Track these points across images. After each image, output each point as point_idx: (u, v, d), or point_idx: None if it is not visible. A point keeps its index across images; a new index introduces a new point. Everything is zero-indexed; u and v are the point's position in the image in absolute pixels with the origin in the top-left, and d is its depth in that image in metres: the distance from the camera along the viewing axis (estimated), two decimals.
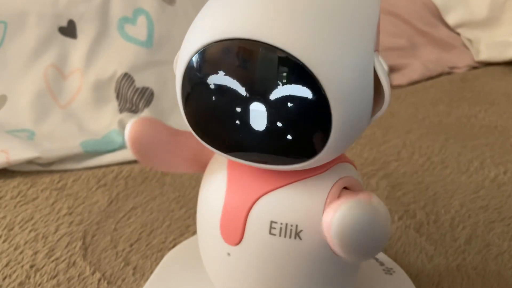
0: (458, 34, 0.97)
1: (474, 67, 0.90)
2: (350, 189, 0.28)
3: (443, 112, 0.73)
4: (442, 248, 0.44)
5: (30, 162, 0.54)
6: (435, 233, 0.46)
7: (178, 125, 0.67)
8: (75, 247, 0.43)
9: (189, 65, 0.25)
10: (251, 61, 0.23)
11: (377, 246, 0.25)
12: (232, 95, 0.24)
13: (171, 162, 0.32)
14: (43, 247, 0.43)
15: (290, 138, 0.24)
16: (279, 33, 0.22)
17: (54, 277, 0.40)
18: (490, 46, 0.91)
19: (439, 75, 0.87)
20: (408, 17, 0.95)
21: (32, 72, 0.63)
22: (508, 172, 0.57)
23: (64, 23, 0.64)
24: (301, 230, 0.27)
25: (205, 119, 0.26)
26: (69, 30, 0.64)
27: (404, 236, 0.46)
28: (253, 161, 0.26)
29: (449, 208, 0.50)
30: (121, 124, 0.61)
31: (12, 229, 0.45)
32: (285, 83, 0.23)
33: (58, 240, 0.44)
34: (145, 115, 0.29)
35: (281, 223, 0.27)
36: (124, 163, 0.57)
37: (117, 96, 0.64)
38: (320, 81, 0.22)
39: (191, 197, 0.51)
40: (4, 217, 0.47)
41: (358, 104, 0.24)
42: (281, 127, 0.24)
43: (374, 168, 0.57)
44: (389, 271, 0.38)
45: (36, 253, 0.42)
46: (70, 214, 0.48)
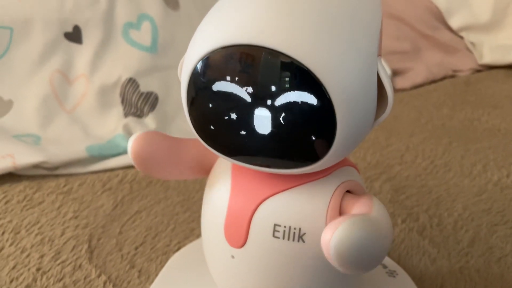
0: (461, 37, 0.97)
1: (478, 71, 0.90)
2: (352, 193, 0.28)
3: (446, 116, 0.73)
4: (445, 251, 0.44)
5: (36, 166, 0.55)
6: (438, 236, 0.46)
7: (182, 129, 0.68)
8: (81, 250, 0.44)
9: (194, 70, 0.25)
10: (257, 67, 0.23)
11: (378, 258, 0.25)
12: (237, 100, 0.24)
13: (174, 171, 0.32)
14: (50, 250, 0.44)
15: (294, 142, 0.25)
16: (284, 39, 0.23)
17: (60, 280, 0.41)
18: (493, 49, 0.91)
19: (442, 79, 0.87)
20: (411, 20, 0.95)
21: (38, 78, 0.63)
22: (511, 175, 0.57)
23: (69, 28, 0.65)
24: (304, 233, 0.27)
25: (209, 124, 0.26)
26: (74, 35, 0.65)
27: (407, 239, 0.46)
28: (257, 165, 0.27)
29: (452, 211, 0.50)
30: (126, 128, 0.62)
31: (18, 233, 0.46)
32: (290, 88, 0.23)
33: (64, 244, 0.45)
34: (147, 129, 0.30)
35: (285, 226, 0.27)
36: (129, 167, 0.57)
37: (122, 101, 0.64)
38: (325, 86, 0.23)
39: (195, 201, 0.51)
40: (11, 221, 0.47)
41: (362, 109, 0.24)
42: (286, 132, 0.24)
43: (377, 172, 0.57)
44: (392, 273, 0.39)
45: (42, 256, 0.43)
46: (76, 217, 0.48)
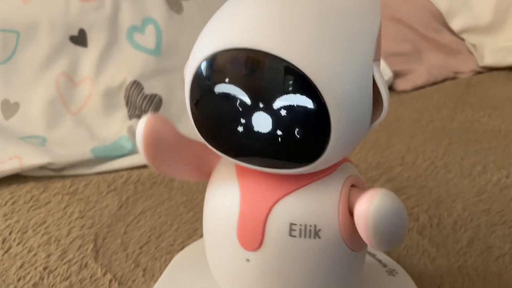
0: (462, 39, 0.98)
1: (478, 72, 0.91)
2: (356, 186, 0.30)
3: (447, 117, 0.73)
4: (444, 250, 0.45)
5: (42, 167, 0.56)
6: (438, 235, 0.47)
7: (186, 131, 0.68)
8: (86, 250, 0.45)
9: (197, 72, 0.26)
10: (256, 70, 0.24)
11: (403, 233, 0.26)
12: (237, 101, 0.25)
13: (176, 166, 0.32)
14: (56, 249, 0.45)
15: (290, 144, 0.25)
16: (282, 44, 0.24)
17: (67, 279, 0.41)
18: (494, 51, 0.92)
19: (443, 80, 0.87)
20: (412, 22, 0.96)
21: (44, 80, 0.64)
22: (510, 175, 0.57)
23: (75, 32, 0.66)
24: (319, 229, 0.28)
25: (212, 125, 0.27)
26: (80, 39, 0.66)
27: (407, 238, 0.46)
28: (258, 165, 0.27)
29: (451, 211, 0.51)
30: (131, 130, 0.63)
31: (25, 233, 0.47)
32: (287, 92, 0.24)
33: (70, 243, 0.45)
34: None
35: (301, 224, 0.28)
36: (133, 168, 0.58)
37: (127, 103, 0.65)
38: (320, 91, 0.24)
39: (198, 201, 0.52)
40: (18, 221, 0.48)
41: (357, 112, 0.25)
42: (283, 134, 0.25)
43: (378, 173, 0.58)
44: (392, 272, 0.39)
45: (49, 256, 0.44)
46: (82, 217, 0.49)
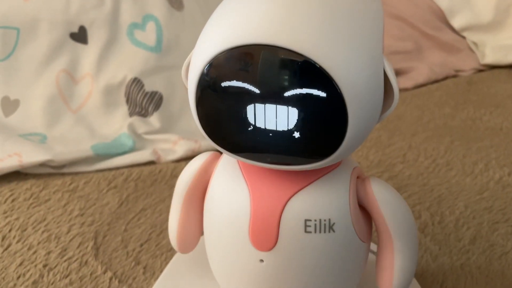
0: (463, 37, 0.97)
1: (480, 70, 0.91)
2: (360, 177, 0.30)
3: (448, 115, 0.73)
4: (446, 248, 0.45)
5: (42, 164, 0.56)
6: (440, 233, 0.47)
7: (186, 129, 0.68)
8: (87, 247, 0.44)
9: (204, 71, 0.25)
10: (270, 66, 0.24)
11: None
12: (249, 98, 0.25)
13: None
14: (56, 247, 0.44)
15: (307, 139, 0.25)
16: (295, 38, 0.23)
17: (67, 276, 0.41)
18: (495, 49, 0.92)
19: (444, 78, 0.87)
20: (413, 20, 0.96)
21: (44, 77, 0.64)
22: None
23: (75, 29, 0.65)
24: (334, 223, 0.28)
25: (220, 123, 0.26)
26: (80, 36, 0.65)
27: None
28: (269, 163, 0.27)
29: (453, 209, 0.50)
30: (131, 127, 0.62)
31: (25, 230, 0.47)
32: (302, 85, 0.24)
33: (70, 241, 0.45)
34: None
35: (315, 220, 0.28)
36: (134, 166, 0.58)
37: (127, 100, 0.65)
38: (337, 82, 0.23)
39: None
40: (18, 219, 0.48)
41: (371, 103, 0.25)
42: (299, 129, 0.25)
43: (380, 170, 0.58)
44: None
45: (49, 253, 0.44)
46: (82, 215, 0.49)
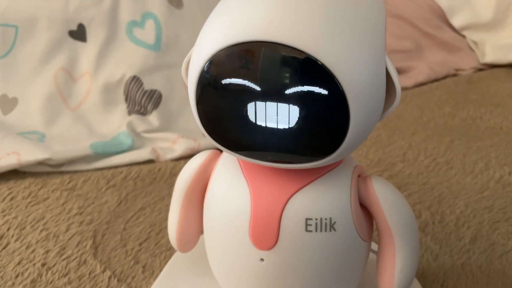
0: (463, 36, 0.97)
1: (480, 69, 0.91)
2: (361, 176, 0.30)
3: (448, 114, 0.73)
4: (447, 247, 0.45)
5: (41, 163, 0.55)
6: (440, 232, 0.47)
7: (185, 127, 0.68)
8: (85, 246, 0.44)
9: (204, 68, 0.25)
10: (270, 63, 0.24)
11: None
12: (250, 96, 0.24)
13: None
14: (54, 246, 0.44)
15: (309, 136, 0.25)
16: (298, 35, 0.23)
17: (65, 275, 0.41)
18: (495, 48, 0.91)
19: (444, 77, 0.87)
20: (414, 19, 0.96)
21: (42, 75, 0.64)
22: None
23: (74, 27, 0.65)
24: (335, 222, 0.28)
25: (221, 121, 0.26)
26: (79, 33, 0.65)
27: None
28: (269, 161, 0.27)
29: (454, 208, 0.50)
30: (130, 126, 0.62)
31: (23, 229, 0.46)
32: (304, 83, 0.23)
33: (69, 239, 0.45)
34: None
35: (316, 219, 0.28)
36: (132, 164, 0.58)
37: (126, 99, 0.65)
38: (339, 80, 0.23)
39: None
40: (16, 217, 0.48)
41: (373, 101, 0.25)
42: (300, 126, 0.24)
43: (380, 169, 0.58)
44: None
45: (47, 252, 0.43)
46: (81, 214, 0.48)
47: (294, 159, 0.26)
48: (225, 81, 0.24)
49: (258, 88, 0.24)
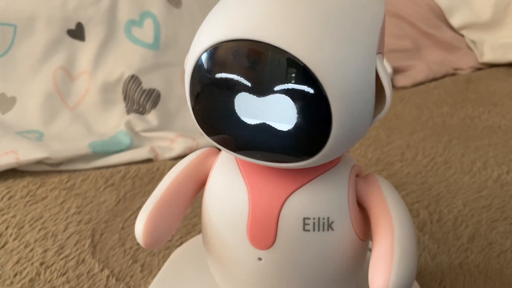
0: (462, 35, 0.97)
1: (478, 69, 0.91)
2: (359, 176, 0.30)
3: (447, 113, 0.73)
4: (445, 247, 0.45)
5: (39, 162, 0.55)
6: (438, 232, 0.47)
7: (184, 126, 0.68)
8: (84, 245, 0.44)
9: (197, 63, 0.25)
10: (257, 61, 0.24)
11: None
12: (236, 93, 0.25)
13: (182, 215, 0.33)
14: (53, 245, 0.44)
15: (293, 136, 0.25)
16: (282, 35, 0.23)
17: (64, 274, 0.41)
18: (494, 47, 0.92)
19: (443, 77, 0.87)
20: (412, 19, 0.96)
21: (41, 74, 0.64)
22: (511, 171, 0.57)
23: (72, 26, 0.65)
24: (332, 221, 0.28)
25: (212, 118, 0.26)
26: (77, 32, 0.65)
27: None
28: (261, 160, 0.27)
29: (452, 207, 0.50)
30: (129, 125, 0.62)
31: (22, 228, 0.46)
32: (287, 83, 0.24)
33: (67, 238, 0.45)
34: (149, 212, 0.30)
35: (314, 218, 0.28)
36: (131, 163, 0.58)
37: (125, 98, 0.65)
38: (320, 82, 0.23)
39: (197, 197, 0.51)
40: (14, 216, 0.48)
41: (359, 105, 0.25)
42: (283, 126, 0.25)
43: (378, 169, 0.58)
44: None
45: (46, 251, 0.43)
46: (79, 213, 0.48)
47: (282, 159, 0.26)
48: (213, 76, 0.25)
49: (244, 85, 0.24)
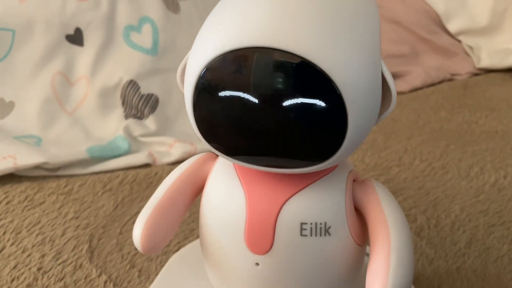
0: (459, 41, 0.98)
1: (475, 74, 0.91)
2: (356, 180, 0.30)
3: (444, 118, 0.73)
4: (442, 252, 0.45)
5: (37, 167, 0.55)
6: (436, 237, 0.47)
7: (182, 131, 0.68)
8: (81, 250, 0.44)
9: (201, 74, 0.25)
10: (268, 68, 0.24)
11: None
12: (248, 102, 0.24)
13: (180, 219, 0.32)
14: (50, 250, 0.44)
15: (306, 141, 0.25)
16: (294, 40, 0.23)
17: (61, 280, 0.41)
18: (491, 53, 0.92)
19: (440, 82, 0.87)
20: (410, 25, 0.96)
21: (39, 79, 0.64)
22: (508, 176, 0.57)
23: (71, 31, 0.65)
24: (329, 226, 0.28)
25: (217, 126, 0.26)
26: (76, 38, 0.65)
27: None
28: (265, 166, 0.27)
29: (449, 212, 0.50)
30: (127, 130, 0.62)
31: (19, 233, 0.46)
32: (302, 88, 0.23)
33: (65, 244, 0.45)
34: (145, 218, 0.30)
35: (311, 223, 0.28)
36: (129, 168, 0.58)
37: (123, 103, 0.65)
38: (337, 85, 0.23)
39: (195, 202, 0.51)
40: (12, 221, 0.48)
41: (370, 106, 0.25)
42: (298, 131, 0.24)
43: (376, 174, 0.58)
44: None
45: (43, 256, 0.43)
46: (77, 218, 0.48)
47: (291, 164, 0.26)
48: (221, 87, 0.24)
49: (255, 94, 0.24)
